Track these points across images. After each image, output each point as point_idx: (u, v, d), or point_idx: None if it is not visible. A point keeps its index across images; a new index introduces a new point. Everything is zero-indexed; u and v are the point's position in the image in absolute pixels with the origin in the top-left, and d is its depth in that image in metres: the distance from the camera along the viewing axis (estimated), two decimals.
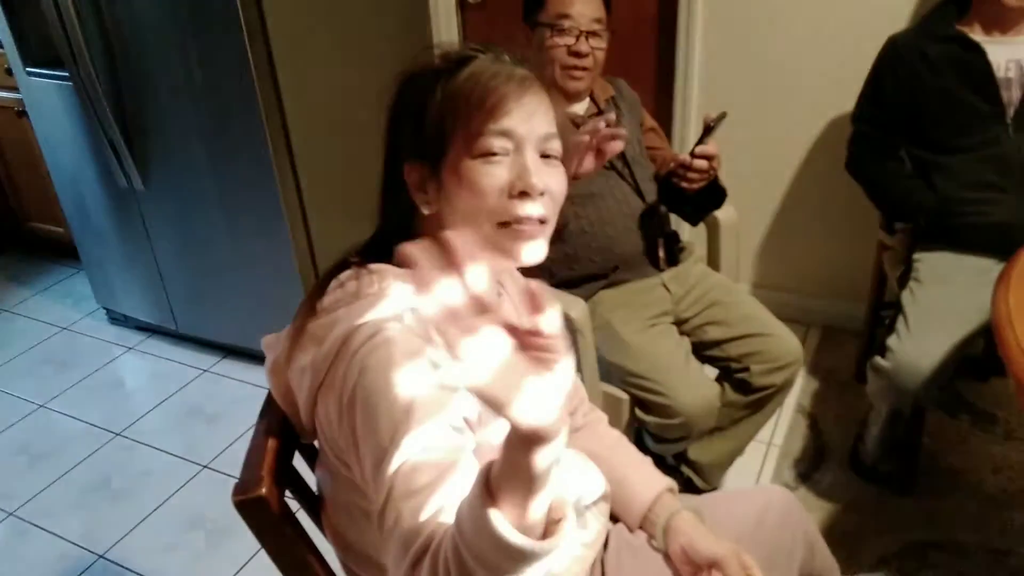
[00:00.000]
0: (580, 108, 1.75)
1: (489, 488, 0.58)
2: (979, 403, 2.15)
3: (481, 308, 0.50)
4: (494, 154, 0.83)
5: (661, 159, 1.83)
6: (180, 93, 2.18)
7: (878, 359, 1.66)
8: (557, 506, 0.62)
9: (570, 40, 1.62)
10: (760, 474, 2.01)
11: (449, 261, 0.51)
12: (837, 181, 2.12)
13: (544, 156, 0.86)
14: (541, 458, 0.56)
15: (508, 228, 0.83)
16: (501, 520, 0.57)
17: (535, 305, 0.51)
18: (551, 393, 0.53)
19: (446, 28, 2.65)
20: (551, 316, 0.51)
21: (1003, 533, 1.77)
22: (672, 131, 2.49)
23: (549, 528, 0.61)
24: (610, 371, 1.66)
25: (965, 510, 1.84)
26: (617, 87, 1.83)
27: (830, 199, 2.36)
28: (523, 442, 0.55)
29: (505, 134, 0.83)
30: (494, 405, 0.52)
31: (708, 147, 1.56)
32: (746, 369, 1.67)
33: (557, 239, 1.23)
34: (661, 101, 2.50)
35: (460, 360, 0.50)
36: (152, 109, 2.26)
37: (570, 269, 1.69)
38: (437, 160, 0.84)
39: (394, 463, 0.70)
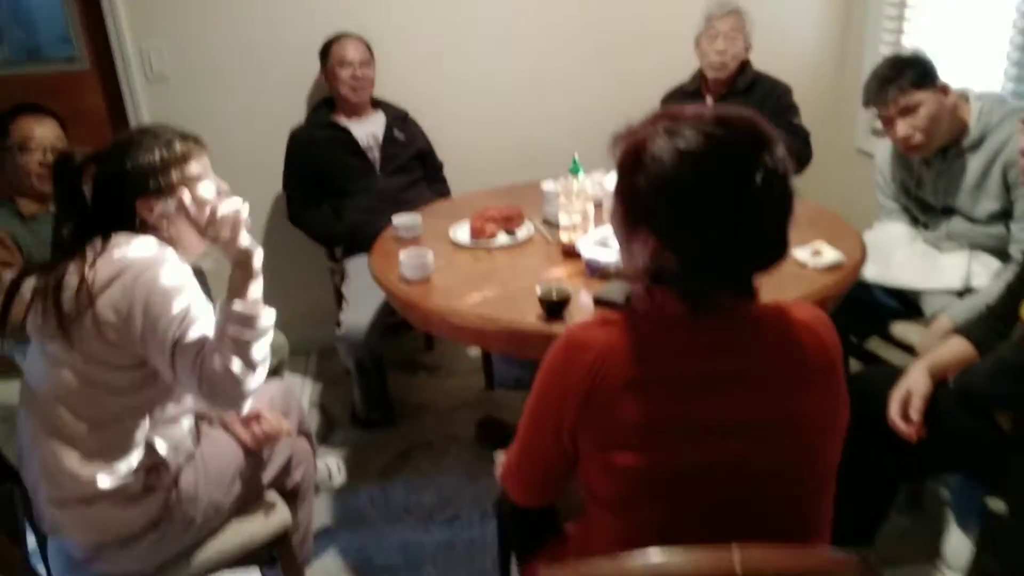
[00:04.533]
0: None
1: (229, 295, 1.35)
2: (422, 360, 3.17)
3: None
4: None
5: None
6: None
7: (337, 330, 2.46)
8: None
9: (37, 156, 2.15)
10: None
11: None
12: (294, 234, 2.90)
13: None
14: (255, 261, 1.40)
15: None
16: (236, 303, 1.35)
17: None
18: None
19: None
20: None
21: (450, 425, 2.71)
22: None
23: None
24: None
25: (433, 424, 2.74)
26: None
27: (294, 248, 3.11)
28: (242, 258, 1.35)
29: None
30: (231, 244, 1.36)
31: None
32: None
33: None
34: None
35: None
36: None
37: None
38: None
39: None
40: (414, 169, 2.86)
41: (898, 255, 2.11)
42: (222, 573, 1.61)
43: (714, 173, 0.94)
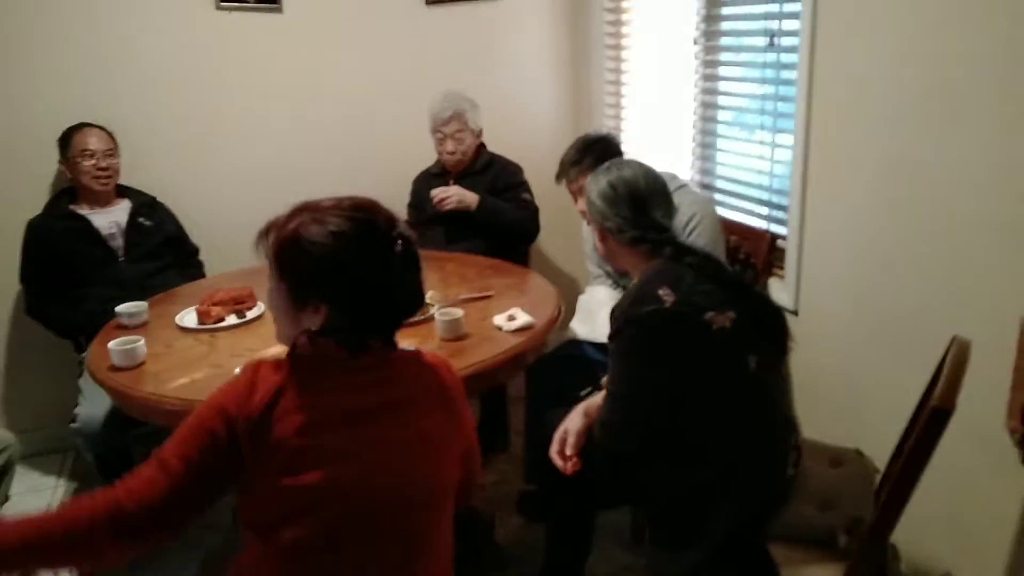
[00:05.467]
0: None
1: None
2: None
3: None
4: None
5: None
6: None
7: (72, 426, 2.39)
8: None
9: None
10: None
11: None
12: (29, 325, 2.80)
13: None
14: None
15: None
16: None
17: None
18: None
19: None
20: None
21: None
22: None
23: None
24: None
25: None
26: None
27: (44, 343, 2.93)
28: None
29: None
30: None
31: None
32: None
33: None
34: None
35: None
36: None
37: None
38: None
39: None
40: (163, 255, 2.85)
41: (601, 315, 2.37)
42: None
43: (364, 247, 1.18)
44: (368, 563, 1.20)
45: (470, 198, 2.86)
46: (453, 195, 2.86)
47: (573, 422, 1.74)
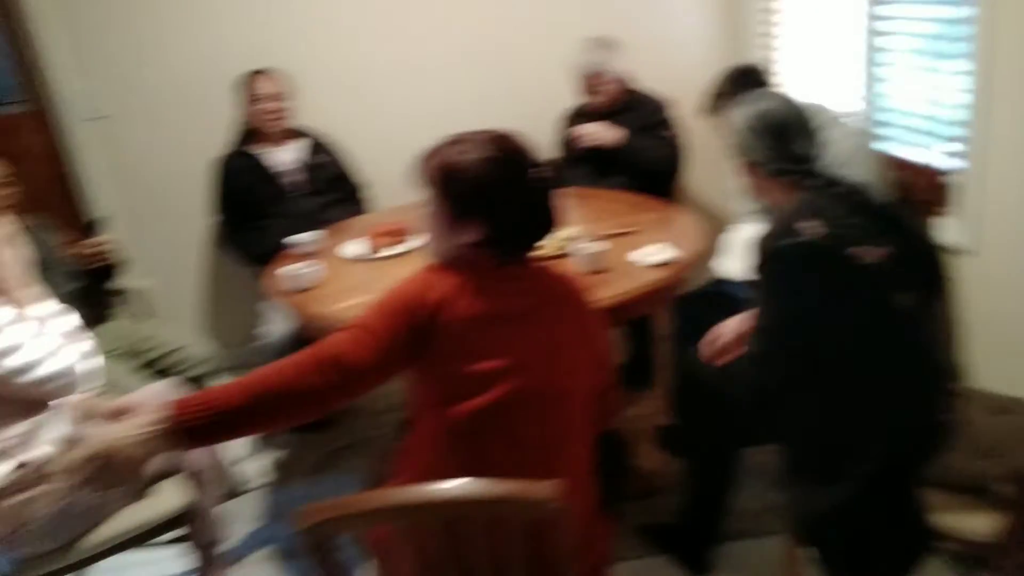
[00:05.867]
0: None
1: None
2: None
3: None
4: None
5: None
6: None
7: (256, 344, 2.67)
8: None
9: None
10: None
11: None
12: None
13: None
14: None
15: None
16: None
17: None
18: None
19: None
20: None
21: (380, 426, 2.91)
22: None
23: None
24: None
25: (364, 425, 2.93)
26: None
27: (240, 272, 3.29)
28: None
29: None
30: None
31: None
32: (183, 370, 2.51)
33: None
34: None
35: None
36: None
37: None
38: None
39: None
40: (332, 191, 3.08)
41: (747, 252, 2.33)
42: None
43: (506, 170, 1.37)
44: (526, 440, 1.37)
45: (609, 137, 2.88)
46: (589, 133, 2.90)
47: (728, 325, 1.76)
